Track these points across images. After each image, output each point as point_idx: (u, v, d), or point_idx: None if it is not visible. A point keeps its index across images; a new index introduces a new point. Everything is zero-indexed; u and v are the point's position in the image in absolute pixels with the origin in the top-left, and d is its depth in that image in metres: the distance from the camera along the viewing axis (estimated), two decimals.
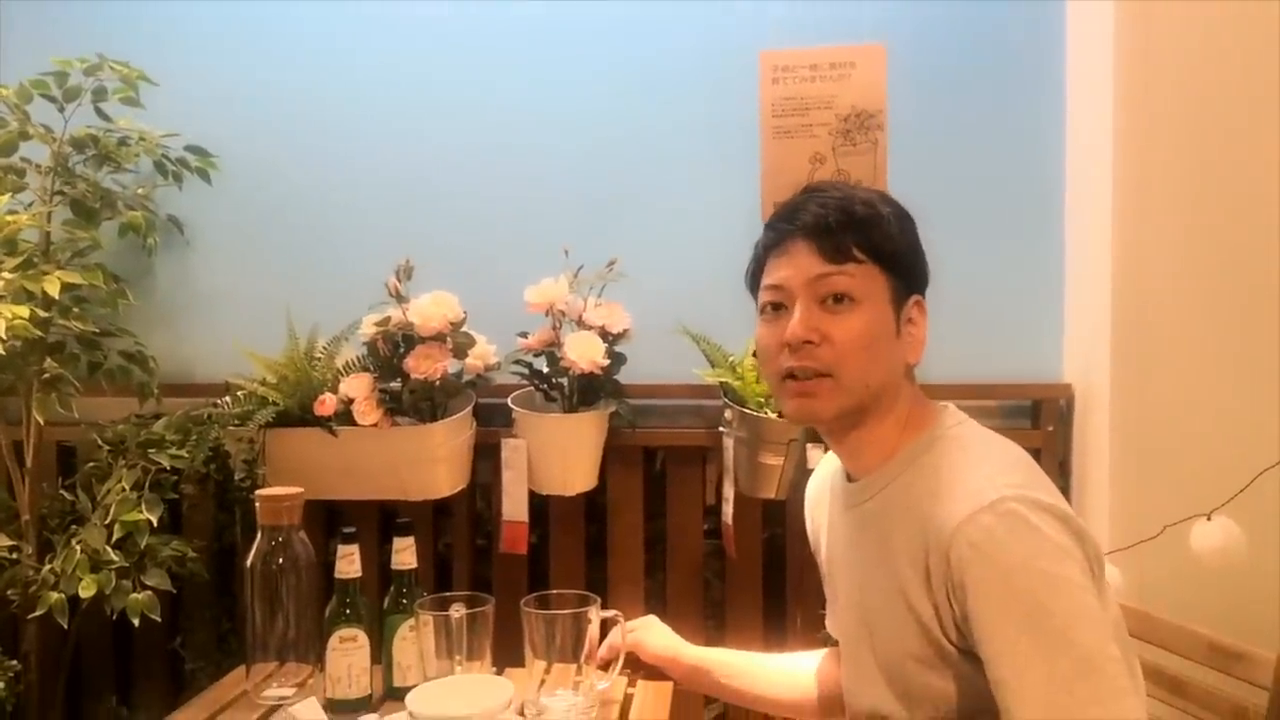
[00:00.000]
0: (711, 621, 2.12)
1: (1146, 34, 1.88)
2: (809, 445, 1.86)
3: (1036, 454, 1.94)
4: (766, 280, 1.18)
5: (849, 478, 1.23)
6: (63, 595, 1.81)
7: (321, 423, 1.92)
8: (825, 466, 1.37)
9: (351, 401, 1.92)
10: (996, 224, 2.10)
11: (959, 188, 2.09)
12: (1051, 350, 2.12)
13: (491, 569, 2.13)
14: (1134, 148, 1.90)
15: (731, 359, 1.98)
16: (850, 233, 1.13)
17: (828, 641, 1.49)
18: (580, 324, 1.96)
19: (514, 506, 2.01)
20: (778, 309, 1.16)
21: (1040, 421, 2.08)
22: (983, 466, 1.09)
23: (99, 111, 2.05)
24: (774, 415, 1.89)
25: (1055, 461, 2.04)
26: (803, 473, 1.87)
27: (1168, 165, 1.88)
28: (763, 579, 2.11)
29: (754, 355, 1.92)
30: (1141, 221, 1.91)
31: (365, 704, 1.36)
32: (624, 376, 2.01)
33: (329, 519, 2.01)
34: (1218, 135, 1.85)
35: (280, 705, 1.33)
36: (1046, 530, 1.01)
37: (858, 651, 1.22)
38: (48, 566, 1.86)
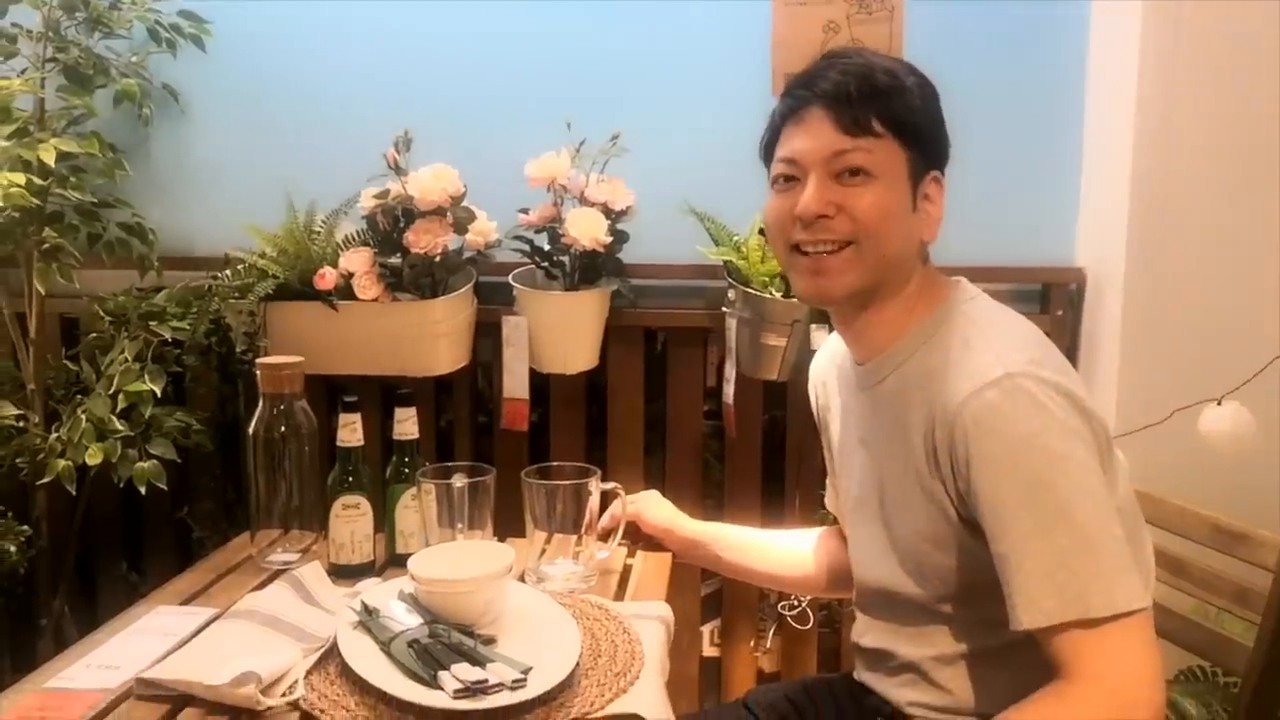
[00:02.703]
0: (710, 501, 2.15)
1: None
2: (813, 326, 1.86)
3: None
4: (781, 152, 1.15)
5: (857, 361, 1.22)
6: (70, 463, 1.83)
7: (322, 296, 1.91)
8: (831, 345, 1.36)
9: (351, 276, 1.90)
10: (1013, 100, 2.04)
11: (975, 60, 2.01)
12: (1064, 233, 2.08)
13: (493, 446, 2.14)
14: (1162, 23, 1.84)
15: (736, 238, 1.96)
16: (871, 103, 1.09)
17: (825, 520, 1.51)
18: (582, 200, 1.93)
19: (515, 383, 2.01)
20: (790, 181, 1.14)
21: (1050, 306, 2.06)
22: (993, 342, 1.08)
23: None
24: (778, 296, 1.87)
25: (1063, 347, 2.00)
26: (806, 354, 1.87)
27: (1196, 42, 1.83)
28: (762, 460, 2.13)
29: (760, 233, 1.89)
30: (1166, 100, 1.85)
31: (368, 569, 1.39)
32: (626, 255, 1.98)
33: (330, 394, 2.02)
34: (1249, 14, 1.79)
35: (285, 569, 1.36)
36: (1052, 408, 1.01)
37: (870, 530, 1.23)
38: (55, 435, 1.88)
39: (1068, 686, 0.97)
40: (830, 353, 1.36)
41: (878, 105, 1.09)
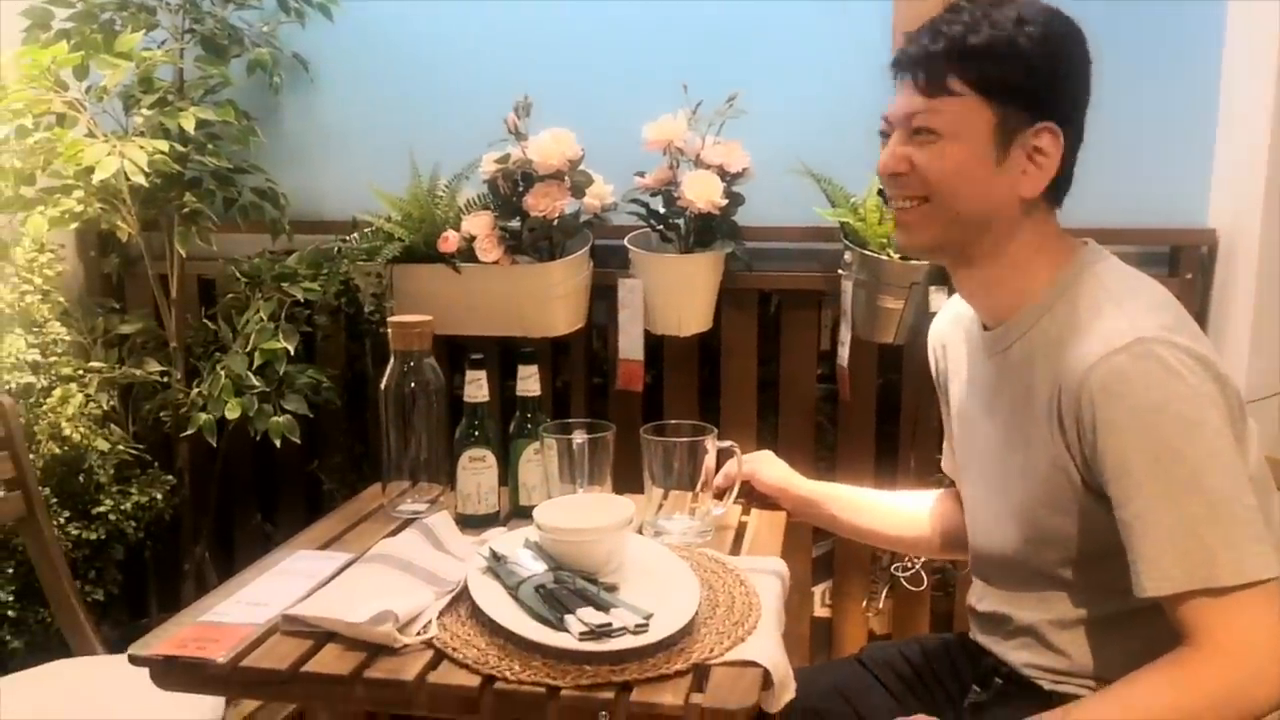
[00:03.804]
0: (823, 463, 2.14)
1: None
2: (931, 289, 1.83)
3: None
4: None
5: (984, 326, 1.21)
6: (211, 416, 1.94)
7: (445, 259, 1.97)
8: (954, 307, 1.35)
9: (474, 239, 1.95)
10: (1143, 50, 1.95)
11: (1103, 10, 1.91)
12: (1196, 192, 2.00)
13: (607, 406, 2.17)
14: None
15: (853, 199, 1.94)
16: (953, 62, 1.09)
17: (942, 483, 1.50)
18: (698, 163, 1.93)
19: (630, 345, 2.04)
20: (885, 137, 1.17)
21: (1179, 269, 1.98)
22: (1124, 306, 1.06)
23: None
24: (895, 257, 1.85)
25: (1192, 311, 1.93)
26: (923, 317, 1.85)
27: None
28: (876, 424, 2.11)
29: (878, 194, 1.87)
30: None
31: (494, 519, 1.44)
32: (741, 217, 1.98)
33: (453, 354, 2.08)
34: None
35: (414, 518, 1.41)
36: (1185, 373, 0.98)
37: (988, 497, 1.23)
38: (196, 390, 1.99)
39: (1192, 654, 0.96)
40: (954, 314, 1.34)
41: (961, 64, 1.08)
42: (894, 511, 1.50)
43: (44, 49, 1.83)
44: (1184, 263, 1.98)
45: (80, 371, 2.01)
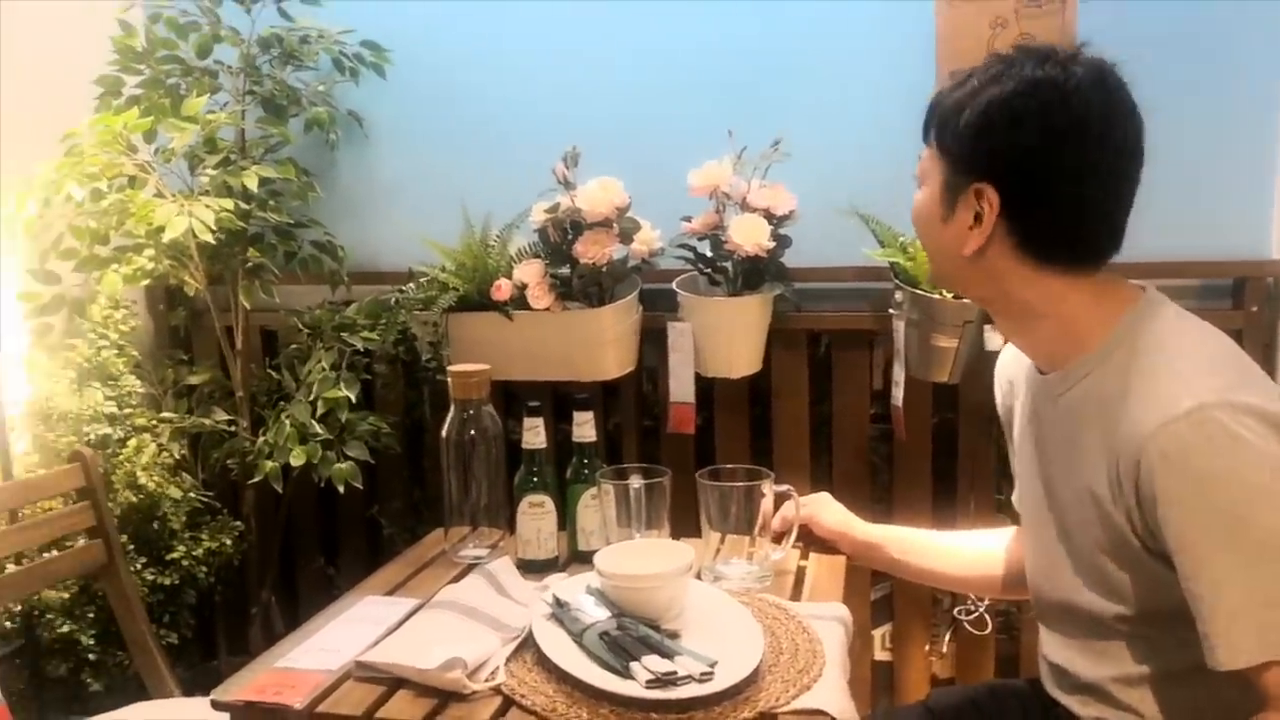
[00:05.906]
0: (879, 505, 2.13)
1: None
2: (986, 327, 1.83)
3: (1237, 336, 1.84)
4: None
5: (1040, 370, 1.20)
6: (276, 464, 1.98)
7: (498, 307, 2.00)
8: None
9: (525, 286, 1.99)
10: (1201, 84, 1.94)
11: (1158, 44, 1.90)
12: (1258, 224, 1.97)
13: (659, 449, 2.19)
14: None
15: (902, 238, 1.94)
16: (930, 116, 1.16)
17: (1011, 520, 1.48)
18: (744, 206, 1.95)
19: (681, 388, 2.06)
20: None
21: (1243, 302, 1.95)
22: (1180, 369, 1.02)
23: (282, 12, 2.14)
24: (948, 296, 1.85)
25: (1259, 345, 1.91)
26: (978, 355, 1.85)
27: None
28: (932, 463, 2.10)
29: None
30: None
31: (553, 564, 1.46)
32: (789, 259, 2.00)
33: (507, 400, 2.11)
34: None
35: (476, 564, 1.44)
36: (1249, 437, 0.95)
37: (1045, 542, 1.20)
38: (261, 439, 2.04)
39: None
40: (1017, 352, 1.33)
41: (932, 119, 1.15)
42: (958, 552, 1.47)
43: (116, 115, 1.91)
44: (1249, 295, 1.95)
45: (153, 422, 2.08)
